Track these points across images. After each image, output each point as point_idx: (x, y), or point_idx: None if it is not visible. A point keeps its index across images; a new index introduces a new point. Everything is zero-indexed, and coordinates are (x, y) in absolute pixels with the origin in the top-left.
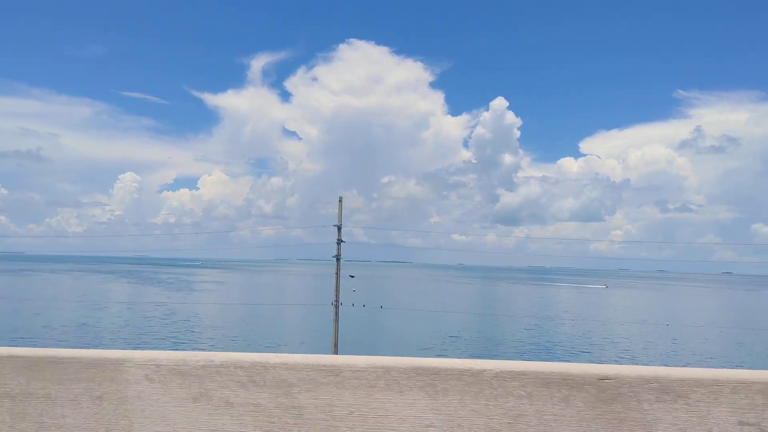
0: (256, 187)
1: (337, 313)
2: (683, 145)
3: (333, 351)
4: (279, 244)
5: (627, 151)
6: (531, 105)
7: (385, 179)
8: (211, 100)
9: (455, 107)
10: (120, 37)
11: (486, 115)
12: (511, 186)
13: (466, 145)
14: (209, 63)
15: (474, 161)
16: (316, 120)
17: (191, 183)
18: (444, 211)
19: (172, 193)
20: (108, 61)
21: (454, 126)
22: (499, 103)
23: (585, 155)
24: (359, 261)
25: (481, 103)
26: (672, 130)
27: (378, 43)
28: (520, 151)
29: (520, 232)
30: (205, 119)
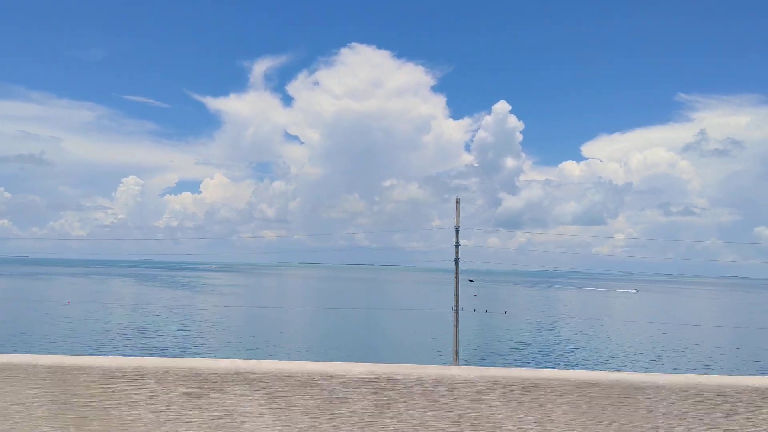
0: (258, 191)
1: (456, 319)
2: (687, 148)
3: (454, 358)
4: (281, 248)
5: (629, 154)
6: (532, 108)
7: (387, 183)
8: (213, 103)
9: (456, 111)
10: (121, 40)
11: (488, 118)
12: (513, 190)
13: (467, 148)
14: (211, 66)
15: (476, 165)
16: (317, 124)
17: (193, 187)
18: (445, 214)
19: (175, 196)
20: (109, 65)
21: (455, 130)
22: (502, 106)
23: (587, 159)
24: (361, 264)
25: (482, 106)
26: (674, 133)
27: (379, 47)
28: (522, 154)
29: (522, 236)
30: (206, 123)
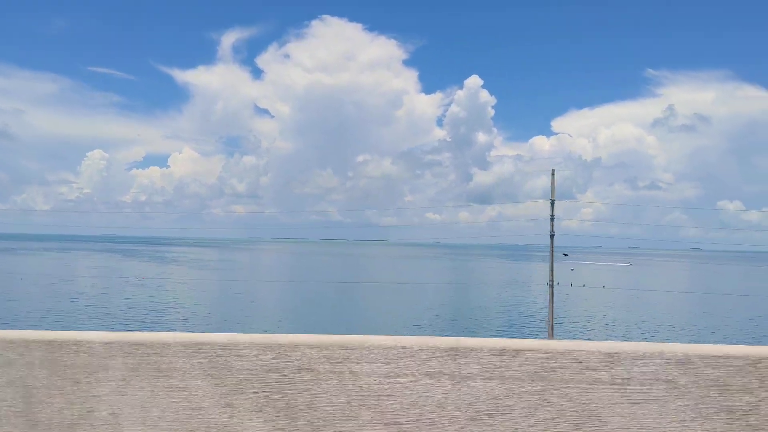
0: (228, 166)
1: (552, 293)
2: (656, 123)
3: (549, 333)
4: (252, 224)
5: (597, 129)
6: (503, 84)
7: (360, 158)
8: (181, 76)
9: (428, 85)
10: (85, 11)
11: (460, 93)
12: (484, 165)
13: (439, 123)
14: (178, 38)
15: (448, 140)
16: (288, 98)
17: (161, 161)
18: (418, 189)
19: (142, 171)
20: (73, 35)
21: (427, 104)
22: (474, 81)
23: (557, 134)
24: (335, 239)
25: (453, 81)
26: (642, 109)
27: (351, 19)
28: (494, 129)
29: (492, 210)
30: (174, 96)
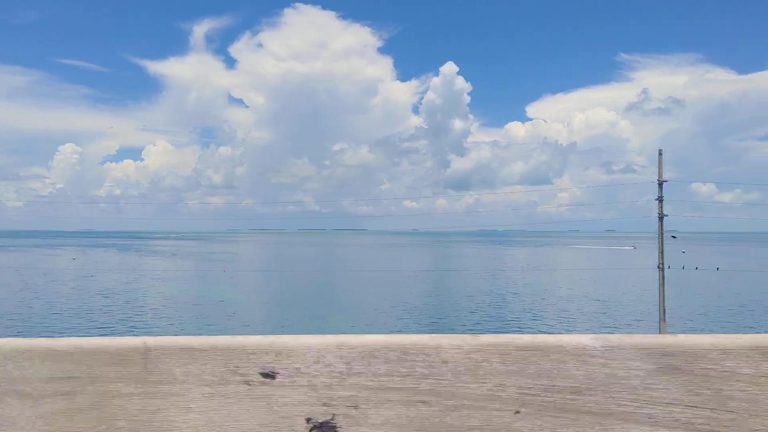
0: (204, 157)
1: (662, 277)
2: (630, 107)
3: (660, 319)
4: (230, 215)
5: (572, 114)
6: (478, 70)
7: (336, 146)
8: (153, 67)
9: (403, 73)
10: (55, 2)
11: (436, 80)
12: (461, 151)
13: (415, 111)
14: (149, 29)
15: (425, 127)
16: (262, 87)
17: (135, 154)
18: (395, 177)
19: (116, 164)
20: (42, 28)
21: (402, 92)
22: (449, 68)
23: (532, 119)
24: (313, 230)
25: (428, 68)
26: (615, 92)
27: (324, 7)
28: (470, 116)
29: (470, 197)
30: (147, 87)
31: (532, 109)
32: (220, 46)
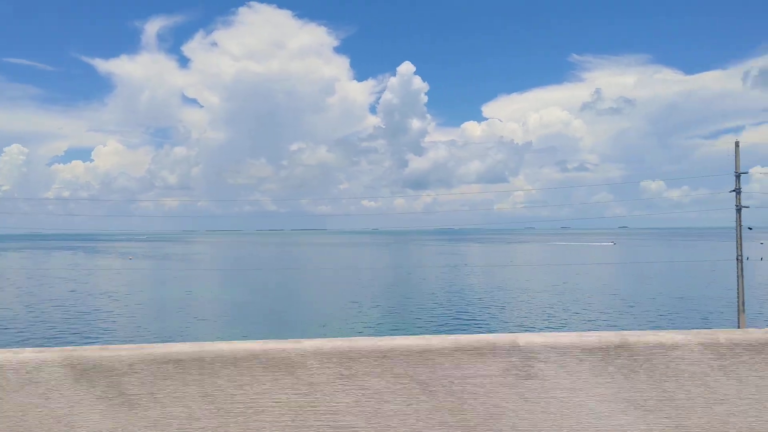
0: (157, 158)
1: (740, 269)
2: (584, 107)
3: (739, 312)
4: (185, 216)
5: (526, 114)
6: (433, 70)
7: (294, 146)
8: (103, 66)
9: (360, 73)
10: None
11: (393, 80)
12: (419, 151)
13: (372, 110)
14: (99, 27)
15: (383, 126)
16: (217, 87)
17: (84, 155)
18: (353, 177)
19: (64, 165)
20: None
21: (359, 92)
22: (406, 68)
23: (487, 119)
24: (271, 230)
25: (385, 68)
26: (568, 92)
27: (280, 6)
28: (428, 116)
29: (428, 196)
30: (97, 87)
31: (487, 109)
32: (173, 44)
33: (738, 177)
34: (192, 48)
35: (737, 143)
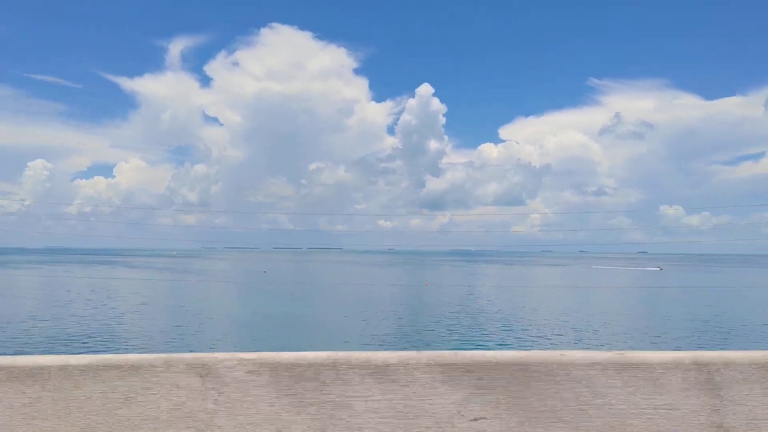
0: (178, 175)
1: None
2: (604, 131)
3: None
4: (204, 233)
5: (544, 137)
6: (451, 92)
7: (313, 166)
8: (128, 84)
9: (379, 94)
10: (27, 17)
11: (412, 101)
12: (436, 172)
13: (390, 131)
14: (124, 46)
15: (401, 147)
16: (238, 106)
17: (106, 171)
18: (371, 197)
19: (86, 181)
20: (14, 43)
21: (378, 112)
22: (425, 89)
23: (504, 141)
24: (289, 248)
25: (403, 90)
26: (585, 116)
27: (301, 27)
28: (445, 137)
29: (444, 217)
30: (120, 104)
31: (504, 131)
32: (196, 64)
33: None
34: (214, 68)
35: None
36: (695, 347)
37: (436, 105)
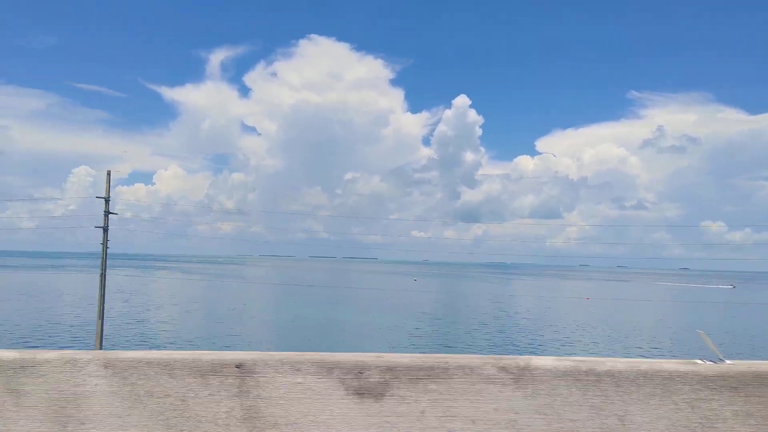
0: (216, 183)
1: None
2: (645, 144)
3: None
4: (240, 240)
5: (581, 149)
6: (487, 103)
7: (349, 175)
8: (169, 93)
9: (414, 105)
10: (73, 28)
11: (448, 112)
12: (472, 183)
13: (425, 142)
14: (167, 56)
15: (436, 158)
16: (275, 116)
17: (146, 178)
18: (405, 207)
19: (127, 188)
20: (61, 53)
21: (413, 123)
22: (462, 101)
23: (541, 153)
24: (324, 257)
25: (439, 101)
26: (624, 129)
27: (339, 39)
28: (481, 148)
29: (478, 229)
30: (162, 113)
31: (541, 144)
32: (235, 74)
33: None
34: (253, 78)
35: None
36: None
37: (473, 116)
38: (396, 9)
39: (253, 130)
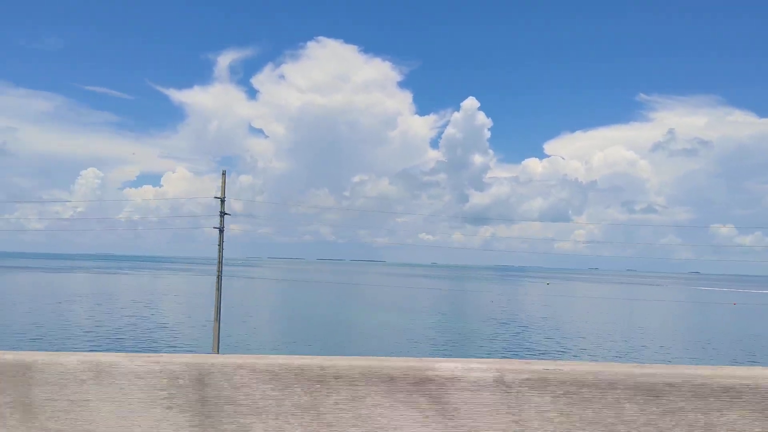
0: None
1: None
2: (656, 147)
3: None
4: (248, 243)
5: (590, 152)
6: (495, 105)
7: (356, 178)
8: (177, 96)
9: (422, 107)
10: (81, 30)
11: (457, 115)
12: (480, 186)
13: (433, 145)
14: (174, 58)
15: (444, 161)
16: (283, 118)
17: (154, 180)
18: (413, 210)
19: (135, 189)
20: (68, 55)
21: (421, 126)
22: (471, 103)
23: (549, 156)
24: (332, 259)
25: (447, 103)
26: (634, 132)
27: (346, 41)
28: (490, 151)
29: (486, 232)
30: (169, 115)
31: (549, 146)
32: (243, 76)
33: None
34: (260, 80)
35: None
36: None
37: (482, 119)
38: (404, 11)
39: (260, 132)
